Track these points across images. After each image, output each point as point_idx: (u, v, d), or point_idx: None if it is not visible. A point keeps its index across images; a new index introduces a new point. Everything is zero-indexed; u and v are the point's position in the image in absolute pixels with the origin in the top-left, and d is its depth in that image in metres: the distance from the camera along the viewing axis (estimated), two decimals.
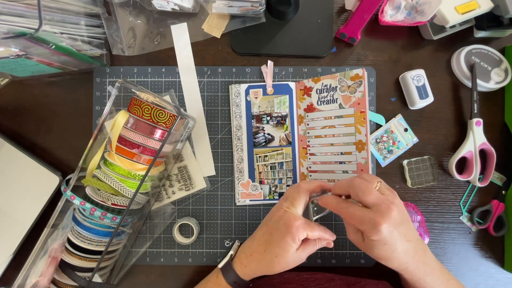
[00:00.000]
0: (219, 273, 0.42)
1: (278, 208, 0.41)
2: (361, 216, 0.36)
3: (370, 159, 0.48)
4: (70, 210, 0.47)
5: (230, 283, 0.41)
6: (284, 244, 0.38)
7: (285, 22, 0.55)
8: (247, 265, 0.40)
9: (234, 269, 0.41)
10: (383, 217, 0.34)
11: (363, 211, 0.36)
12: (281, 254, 0.38)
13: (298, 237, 0.38)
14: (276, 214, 0.40)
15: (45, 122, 0.54)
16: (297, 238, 0.38)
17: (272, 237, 0.39)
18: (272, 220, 0.41)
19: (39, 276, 0.42)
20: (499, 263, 0.55)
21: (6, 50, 0.40)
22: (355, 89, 0.49)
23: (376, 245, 0.36)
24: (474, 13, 0.50)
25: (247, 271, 0.40)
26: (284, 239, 0.38)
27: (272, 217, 0.41)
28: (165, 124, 0.45)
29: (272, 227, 0.40)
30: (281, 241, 0.38)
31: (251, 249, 0.41)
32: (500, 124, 0.55)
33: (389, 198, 0.36)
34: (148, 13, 0.54)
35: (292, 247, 0.38)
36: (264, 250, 0.39)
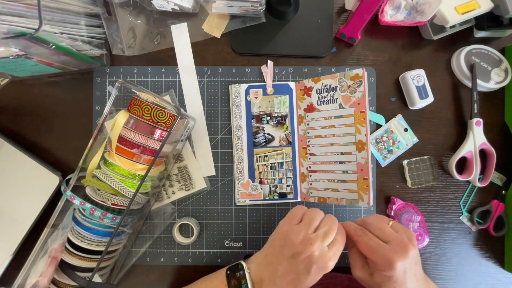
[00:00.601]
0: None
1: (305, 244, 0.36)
2: (376, 248, 0.36)
3: (370, 159, 0.48)
4: (70, 210, 0.47)
5: None
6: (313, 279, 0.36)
7: (285, 22, 0.55)
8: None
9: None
10: (399, 255, 0.34)
11: (380, 243, 0.36)
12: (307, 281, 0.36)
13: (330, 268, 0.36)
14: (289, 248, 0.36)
15: (45, 122, 0.54)
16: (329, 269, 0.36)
17: (300, 278, 0.35)
18: (286, 253, 0.36)
19: (39, 276, 0.42)
20: (499, 263, 0.55)
21: (6, 50, 0.40)
22: (355, 89, 0.49)
23: (386, 282, 0.35)
24: (474, 13, 0.50)
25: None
26: (317, 277, 0.35)
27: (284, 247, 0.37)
28: (165, 124, 0.45)
29: (299, 268, 0.35)
30: (314, 279, 0.36)
31: (276, 284, 0.37)
32: (500, 124, 0.55)
33: (406, 237, 0.36)
34: (148, 13, 0.54)
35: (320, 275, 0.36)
36: (294, 286, 0.36)
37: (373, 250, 0.36)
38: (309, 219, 0.38)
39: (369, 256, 0.36)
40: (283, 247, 0.37)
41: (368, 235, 0.37)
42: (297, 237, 0.36)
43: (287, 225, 0.39)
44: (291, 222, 0.39)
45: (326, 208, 0.55)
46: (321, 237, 0.36)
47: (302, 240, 0.36)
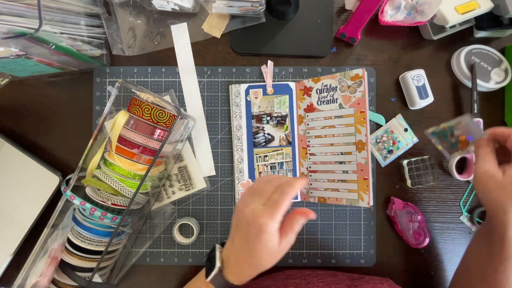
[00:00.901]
0: (210, 285, 0.39)
1: (243, 208, 0.38)
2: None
3: (370, 159, 0.48)
4: (70, 210, 0.48)
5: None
6: (264, 245, 0.36)
7: (285, 22, 0.55)
8: (240, 273, 0.38)
9: (228, 280, 0.38)
10: None
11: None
12: (265, 254, 0.37)
13: (273, 230, 0.36)
14: (243, 217, 0.37)
15: (45, 122, 0.54)
16: (273, 232, 0.36)
17: (249, 243, 0.37)
18: (241, 224, 0.38)
19: (39, 276, 0.42)
20: None
21: (6, 50, 0.40)
22: (355, 89, 0.49)
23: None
24: (474, 13, 0.50)
25: (242, 277, 0.39)
26: (261, 241, 0.36)
27: (240, 220, 0.38)
28: (165, 124, 0.45)
29: (245, 233, 0.37)
30: (259, 244, 0.36)
31: (237, 257, 0.38)
32: (500, 124, 0.55)
33: None
34: (148, 13, 0.54)
35: (272, 243, 0.36)
36: (249, 256, 0.37)
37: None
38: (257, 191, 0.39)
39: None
40: (234, 219, 0.39)
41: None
42: (238, 204, 0.38)
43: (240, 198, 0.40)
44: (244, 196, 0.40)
45: (326, 208, 0.55)
46: (255, 198, 0.37)
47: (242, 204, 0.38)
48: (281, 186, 0.37)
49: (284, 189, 0.36)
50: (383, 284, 0.43)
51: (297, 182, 0.37)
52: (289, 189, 0.36)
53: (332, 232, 0.55)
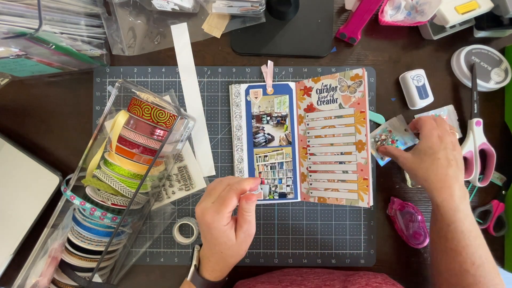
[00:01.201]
0: (191, 285, 0.41)
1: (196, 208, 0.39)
2: (429, 118, 0.47)
3: (370, 159, 0.48)
4: (70, 210, 0.48)
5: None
6: (216, 239, 0.37)
7: (285, 22, 0.55)
8: (212, 270, 0.40)
9: (203, 277, 0.40)
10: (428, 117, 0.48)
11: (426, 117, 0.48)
12: (224, 249, 0.38)
13: (220, 224, 0.37)
14: (196, 217, 0.39)
15: (45, 122, 0.54)
16: (220, 227, 0.37)
17: (206, 239, 0.39)
18: (198, 223, 0.40)
19: (39, 276, 0.42)
20: (499, 263, 0.55)
21: (6, 50, 0.40)
22: (355, 89, 0.49)
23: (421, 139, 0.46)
24: (474, 13, 0.50)
25: (215, 274, 0.40)
26: (212, 236, 0.37)
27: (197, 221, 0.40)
28: (165, 124, 0.45)
29: (201, 231, 0.39)
30: (212, 239, 0.38)
31: (206, 254, 0.40)
32: (500, 124, 0.55)
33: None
34: (148, 13, 0.54)
35: (223, 237, 0.37)
36: (212, 253, 0.39)
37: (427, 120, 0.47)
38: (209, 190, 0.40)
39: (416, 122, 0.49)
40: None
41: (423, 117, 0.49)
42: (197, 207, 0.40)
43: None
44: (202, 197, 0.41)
45: (326, 207, 0.55)
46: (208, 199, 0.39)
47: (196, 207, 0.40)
48: (229, 184, 0.39)
49: (231, 186, 0.38)
50: (377, 277, 0.43)
51: (246, 180, 0.39)
52: (236, 185, 0.38)
53: (332, 232, 0.55)
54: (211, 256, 0.40)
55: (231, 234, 0.38)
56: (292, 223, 0.55)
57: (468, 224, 0.41)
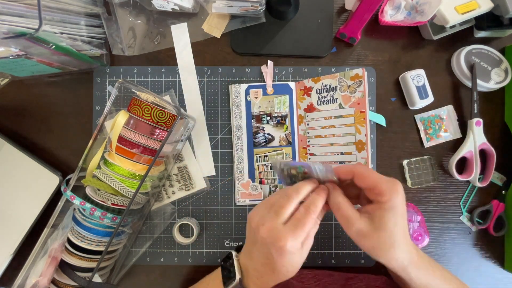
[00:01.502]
0: None
1: (258, 225, 0.35)
2: (378, 178, 0.34)
3: (370, 159, 0.48)
4: (70, 210, 0.48)
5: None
6: (287, 262, 0.34)
7: (285, 22, 0.55)
8: (261, 284, 0.37)
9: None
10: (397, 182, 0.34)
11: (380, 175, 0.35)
12: (290, 268, 0.35)
13: (296, 249, 0.34)
14: (259, 235, 0.35)
15: (45, 122, 0.54)
16: (296, 251, 0.34)
17: (271, 261, 0.35)
18: (258, 241, 0.35)
19: (39, 276, 0.42)
20: (499, 263, 0.55)
21: (6, 50, 0.40)
22: (355, 89, 0.49)
23: (391, 218, 0.33)
24: (474, 13, 0.50)
25: (264, 286, 0.37)
26: (284, 260, 0.34)
27: (256, 238, 0.35)
28: (165, 124, 0.45)
29: (264, 252, 0.35)
30: (283, 262, 0.34)
31: (258, 270, 0.37)
32: (500, 124, 0.55)
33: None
34: (148, 13, 0.54)
35: (295, 259, 0.35)
36: (272, 271, 0.35)
37: (375, 180, 0.34)
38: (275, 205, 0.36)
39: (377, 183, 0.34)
40: (250, 234, 0.37)
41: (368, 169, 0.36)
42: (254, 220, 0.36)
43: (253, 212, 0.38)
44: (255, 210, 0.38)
45: None
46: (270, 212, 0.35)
47: (256, 222, 0.35)
48: (305, 206, 0.35)
49: (308, 208, 0.34)
50: (377, 281, 0.43)
51: (320, 200, 0.35)
52: (313, 207, 0.34)
53: (332, 232, 0.55)
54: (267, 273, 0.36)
55: (301, 253, 0.34)
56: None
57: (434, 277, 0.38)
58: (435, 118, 0.55)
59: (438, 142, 0.55)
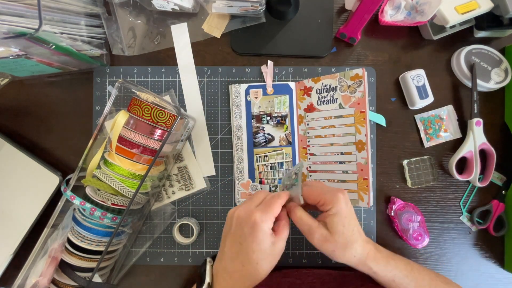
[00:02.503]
0: None
1: (234, 210, 0.38)
2: (320, 193, 0.39)
3: (370, 159, 0.48)
4: (70, 210, 0.48)
5: None
6: (258, 244, 0.35)
7: (285, 22, 0.55)
8: (232, 286, 0.36)
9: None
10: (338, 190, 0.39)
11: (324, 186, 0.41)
12: (261, 257, 0.35)
13: (266, 227, 0.35)
14: (235, 218, 0.37)
15: (45, 122, 0.54)
16: (267, 229, 0.35)
17: (242, 246, 0.35)
18: (233, 226, 0.37)
19: (39, 276, 0.42)
20: (499, 263, 0.55)
21: (6, 50, 0.40)
22: (355, 89, 0.49)
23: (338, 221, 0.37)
24: (474, 13, 0.50)
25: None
26: (255, 239, 0.35)
27: (232, 221, 0.37)
28: (165, 124, 0.45)
29: (236, 235, 0.36)
30: (254, 243, 0.35)
31: (228, 269, 0.36)
32: (500, 124, 0.55)
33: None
34: (148, 13, 0.54)
35: (266, 243, 0.35)
36: (242, 265, 0.35)
37: (319, 192, 0.39)
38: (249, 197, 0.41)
39: (320, 197, 0.39)
40: (226, 227, 0.39)
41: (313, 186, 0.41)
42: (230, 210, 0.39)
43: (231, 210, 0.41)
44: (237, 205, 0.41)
45: None
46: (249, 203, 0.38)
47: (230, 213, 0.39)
48: (271, 194, 0.39)
49: (274, 195, 0.39)
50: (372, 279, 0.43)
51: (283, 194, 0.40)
52: (277, 195, 0.39)
53: None
54: (237, 271, 0.36)
55: (270, 241, 0.36)
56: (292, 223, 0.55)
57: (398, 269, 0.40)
58: (435, 118, 0.55)
59: (438, 142, 0.55)
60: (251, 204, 0.38)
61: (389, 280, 0.40)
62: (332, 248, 0.38)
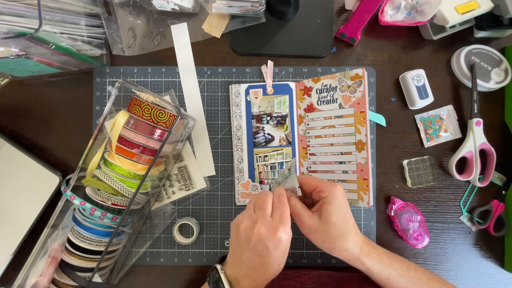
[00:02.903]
0: None
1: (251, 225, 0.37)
2: (319, 181, 0.40)
3: (370, 159, 0.48)
4: (70, 210, 0.48)
5: None
6: (281, 254, 0.37)
7: (285, 22, 0.55)
8: (257, 286, 0.38)
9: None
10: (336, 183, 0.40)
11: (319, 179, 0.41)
12: (282, 259, 0.37)
13: (287, 238, 0.36)
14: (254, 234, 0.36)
15: (45, 122, 0.54)
16: (289, 241, 0.37)
17: (265, 258, 0.36)
18: (252, 242, 0.36)
19: (39, 276, 0.42)
20: (499, 263, 0.55)
21: (6, 50, 0.40)
22: (355, 89, 0.49)
23: (333, 210, 0.37)
24: (474, 13, 0.50)
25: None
26: (280, 252, 0.36)
27: (249, 239, 0.37)
28: (165, 124, 0.45)
29: (258, 250, 0.36)
30: (277, 254, 0.36)
31: (250, 275, 0.37)
32: (500, 124, 0.55)
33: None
34: (148, 13, 0.54)
35: (287, 248, 0.37)
36: (266, 269, 0.37)
37: (316, 183, 0.40)
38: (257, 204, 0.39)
39: (318, 184, 0.40)
40: (239, 240, 0.38)
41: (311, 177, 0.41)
42: (243, 223, 0.38)
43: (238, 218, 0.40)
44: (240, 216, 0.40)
45: None
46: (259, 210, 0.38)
47: (246, 224, 0.37)
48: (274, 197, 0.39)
49: (278, 197, 0.38)
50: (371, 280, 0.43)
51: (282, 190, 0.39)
52: (282, 197, 0.38)
53: None
54: (260, 274, 0.37)
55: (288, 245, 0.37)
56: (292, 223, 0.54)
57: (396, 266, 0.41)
58: (435, 118, 0.55)
59: (438, 142, 0.55)
60: (266, 215, 0.37)
61: (384, 278, 0.40)
62: (322, 238, 0.38)
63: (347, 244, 0.38)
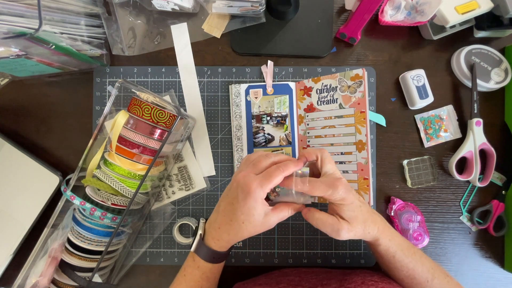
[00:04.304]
0: (195, 256, 0.41)
1: (237, 174, 0.40)
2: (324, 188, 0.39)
3: (370, 159, 0.48)
4: (70, 210, 0.48)
5: (209, 259, 0.41)
6: (247, 209, 0.37)
7: (285, 22, 0.55)
8: (218, 238, 0.40)
9: (208, 245, 0.41)
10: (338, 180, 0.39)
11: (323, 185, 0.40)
12: (247, 219, 0.38)
13: (259, 197, 0.37)
14: (235, 181, 0.39)
15: (45, 122, 0.54)
16: (259, 199, 0.37)
17: (234, 206, 0.38)
18: (232, 189, 0.40)
19: (39, 276, 0.43)
20: (499, 263, 0.55)
21: (6, 50, 0.40)
22: (355, 89, 0.49)
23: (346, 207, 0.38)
24: (474, 13, 0.50)
25: (221, 243, 0.40)
26: (246, 205, 0.37)
27: (231, 186, 0.40)
28: (165, 124, 0.45)
29: (232, 197, 0.39)
30: (244, 207, 0.37)
31: (218, 222, 0.40)
32: (500, 124, 0.55)
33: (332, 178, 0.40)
34: (148, 13, 0.54)
35: (256, 210, 0.37)
36: (230, 220, 0.39)
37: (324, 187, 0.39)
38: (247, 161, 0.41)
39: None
40: (226, 189, 0.41)
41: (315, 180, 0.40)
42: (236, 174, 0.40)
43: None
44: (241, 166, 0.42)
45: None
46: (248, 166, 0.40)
47: (235, 174, 0.40)
48: (277, 164, 0.39)
49: (279, 166, 0.39)
50: (373, 276, 0.43)
51: (291, 163, 0.39)
52: (284, 167, 0.38)
53: None
54: (225, 223, 0.39)
55: (262, 211, 0.38)
56: (292, 223, 0.55)
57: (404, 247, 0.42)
58: (435, 118, 0.55)
59: (438, 142, 0.55)
60: (254, 170, 0.39)
61: (390, 255, 0.41)
62: (354, 234, 0.39)
63: (370, 228, 0.39)
